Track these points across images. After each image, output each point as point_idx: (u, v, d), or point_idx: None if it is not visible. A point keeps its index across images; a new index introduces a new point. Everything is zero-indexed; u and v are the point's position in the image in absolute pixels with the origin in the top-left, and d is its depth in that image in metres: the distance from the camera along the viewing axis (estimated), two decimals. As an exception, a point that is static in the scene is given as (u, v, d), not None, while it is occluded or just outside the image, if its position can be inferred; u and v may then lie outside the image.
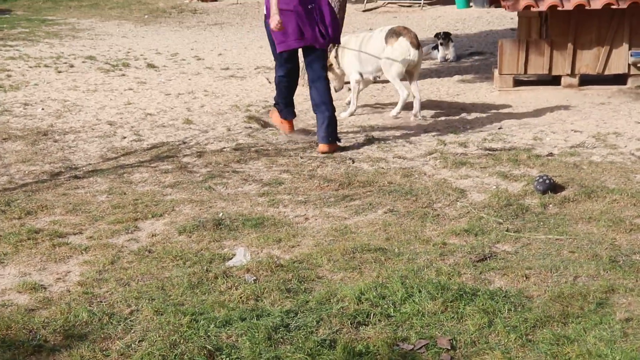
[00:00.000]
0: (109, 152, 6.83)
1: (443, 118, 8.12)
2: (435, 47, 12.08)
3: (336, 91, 8.48)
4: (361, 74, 8.14)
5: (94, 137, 7.35)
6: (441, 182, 5.79)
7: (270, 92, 9.43)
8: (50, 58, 12.24)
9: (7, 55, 12.58)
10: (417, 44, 7.85)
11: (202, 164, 6.42)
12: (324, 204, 5.32)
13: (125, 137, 7.33)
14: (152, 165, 6.40)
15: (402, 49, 7.80)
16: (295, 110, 7.27)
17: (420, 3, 18.96)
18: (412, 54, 7.80)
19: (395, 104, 8.36)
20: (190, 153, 6.77)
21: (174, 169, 6.28)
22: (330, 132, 6.74)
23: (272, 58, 7.18)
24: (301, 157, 6.56)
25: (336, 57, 8.27)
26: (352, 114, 8.21)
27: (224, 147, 6.95)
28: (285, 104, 7.16)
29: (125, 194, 5.63)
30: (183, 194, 5.62)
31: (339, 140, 6.90)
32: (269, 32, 6.76)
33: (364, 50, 8.04)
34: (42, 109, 8.56)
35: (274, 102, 7.31)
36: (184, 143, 7.13)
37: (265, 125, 7.79)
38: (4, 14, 20.20)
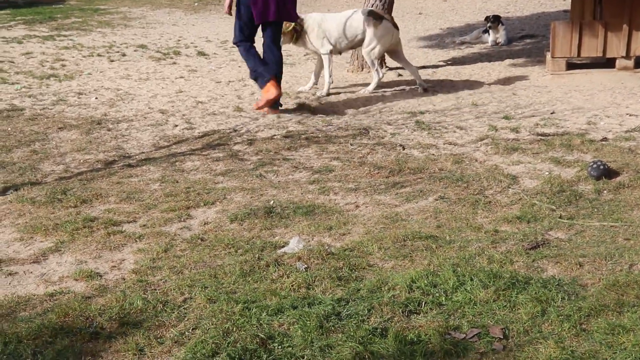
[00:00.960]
0: (161, 141, 6.91)
1: (494, 103, 8.02)
2: (486, 31, 11.93)
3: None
4: (331, 51, 8.51)
5: (146, 125, 7.44)
6: (492, 169, 5.73)
7: (320, 79, 9.42)
8: (102, 47, 12.41)
9: (62, 45, 12.79)
10: (396, 25, 8.53)
11: (252, 152, 6.45)
12: (375, 191, 5.31)
13: (177, 126, 7.40)
14: (203, 153, 6.46)
15: (387, 31, 8.36)
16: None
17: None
18: (395, 35, 8.47)
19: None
20: (241, 141, 6.81)
21: (225, 156, 6.33)
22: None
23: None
24: (351, 144, 6.56)
25: (304, 31, 8.48)
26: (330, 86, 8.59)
27: (274, 135, 6.97)
28: (261, 63, 7.68)
29: (177, 182, 5.69)
30: (234, 182, 5.66)
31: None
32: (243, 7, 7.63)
33: (340, 29, 8.40)
34: (96, 97, 8.69)
35: (252, 76, 7.79)
36: (235, 131, 7.18)
37: (315, 112, 7.80)
38: (58, 4, 20.52)
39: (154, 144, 6.80)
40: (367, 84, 8.98)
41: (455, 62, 10.66)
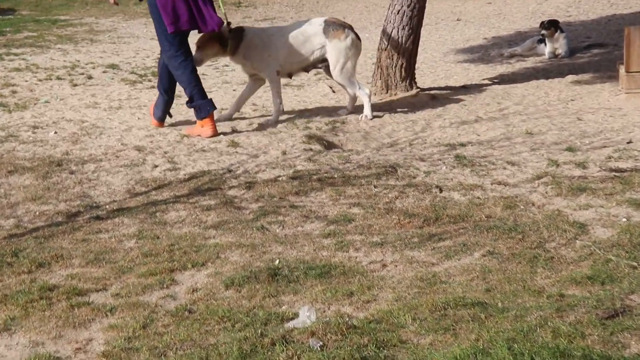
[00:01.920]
0: (137, 186, 6.93)
1: (554, 131, 8.03)
2: (542, 40, 11.98)
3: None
4: (278, 72, 8.75)
5: (118, 166, 7.47)
6: (554, 215, 5.71)
7: (335, 104, 9.48)
8: (63, 68, 12.53)
9: (12, 67, 12.90)
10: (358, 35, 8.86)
11: (252, 198, 6.46)
12: (406, 245, 5.30)
13: (157, 166, 7.43)
14: (190, 200, 6.47)
15: (353, 41, 8.64)
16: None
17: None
18: (359, 46, 8.79)
19: None
20: (238, 184, 6.83)
21: (217, 204, 6.34)
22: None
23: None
24: (375, 187, 6.56)
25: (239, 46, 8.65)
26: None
27: (279, 176, 6.99)
28: (201, 94, 8.23)
29: (158, 238, 5.69)
30: (230, 237, 5.66)
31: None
32: (157, 13, 8.04)
33: (292, 44, 8.62)
34: (55, 132, 8.73)
35: (187, 103, 8.37)
36: (230, 171, 7.20)
37: (330, 146, 7.82)
38: (7, 14, 20.79)
39: (129, 190, 6.82)
40: (400, 111, 9.01)
41: (503, 79, 10.69)
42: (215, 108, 8.36)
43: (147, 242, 5.61)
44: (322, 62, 8.80)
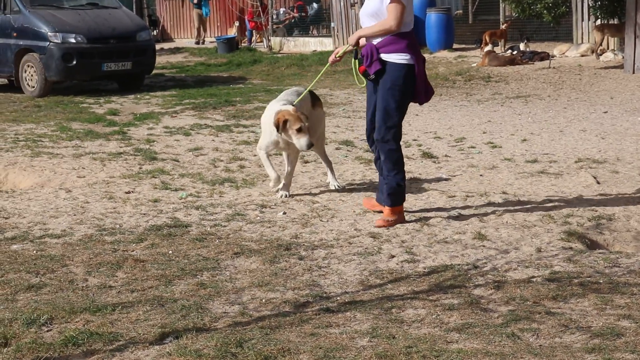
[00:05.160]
0: (371, 277, 6.99)
1: None
2: None
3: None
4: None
5: (351, 254, 7.58)
6: None
7: (599, 198, 9.27)
8: (294, 143, 12.94)
9: (240, 139, 13.50)
10: None
11: (501, 300, 6.37)
12: (689, 371, 5.05)
13: (393, 256, 7.48)
14: (430, 297, 6.45)
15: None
16: None
17: None
18: None
19: None
20: (485, 282, 6.76)
21: (461, 304, 6.28)
22: None
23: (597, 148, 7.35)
24: (649, 296, 6.33)
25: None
26: None
27: (533, 276, 6.86)
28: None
29: (394, 337, 5.69)
30: (475, 343, 5.59)
31: None
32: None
33: None
34: (284, 212, 9.00)
35: (397, 187, 8.46)
36: (475, 267, 7.14)
37: (594, 245, 7.62)
38: (237, 84, 21.82)
39: (362, 282, 6.89)
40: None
41: None
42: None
43: (381, 342, 5.62)
44: None
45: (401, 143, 8.48)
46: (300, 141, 9.04)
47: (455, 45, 26.59)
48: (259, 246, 7.80)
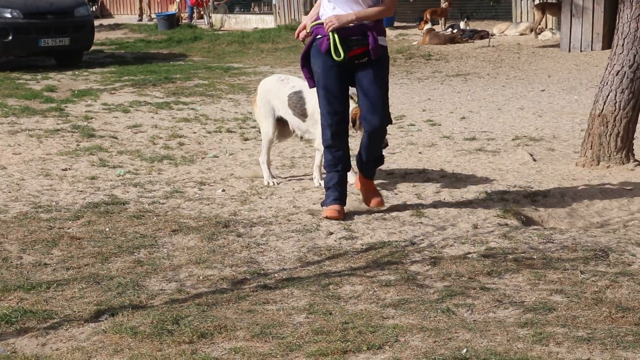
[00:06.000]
0: (309, 254, 7.01)
1: None
2: None
3: None
4: None
5: (290, 231, 7.59)
6: None
7: (535, 175, 9.38)
8: (234, 120, 12.93)
9: (180, 116, 13.43)
10: None
11: (437, 276, 6.42)
12: (618, 344, 5.12)
13: (332, 233, 7.50)
14: (367, 274, 6.48)
15: None
16: None
17: None
18: None
19: None
20: (421, 259, 6.80)
21: (398, 280, 6.32)
22: None
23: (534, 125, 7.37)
24: (582, 272, 6.41)
25: None
26: None
27: (469, 252, 6.93)
28: None
29: (331, 314, 5.71)
30: (410, 318, 5.62)
31: None
32: None
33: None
34: (223, 190, 8.98)
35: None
36: (413, 244, 7.19)
37: (529, 222, 7.70)
38: (178, 61, 21.68)
39: (300, 258, 6.91)
40: (613, 187, 8.83)
41: None
42: None
43: (318, 318, 5.64)
44: None
45: None
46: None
47: (396, 24, 26.69)
48: (197, 223, 7.79)
